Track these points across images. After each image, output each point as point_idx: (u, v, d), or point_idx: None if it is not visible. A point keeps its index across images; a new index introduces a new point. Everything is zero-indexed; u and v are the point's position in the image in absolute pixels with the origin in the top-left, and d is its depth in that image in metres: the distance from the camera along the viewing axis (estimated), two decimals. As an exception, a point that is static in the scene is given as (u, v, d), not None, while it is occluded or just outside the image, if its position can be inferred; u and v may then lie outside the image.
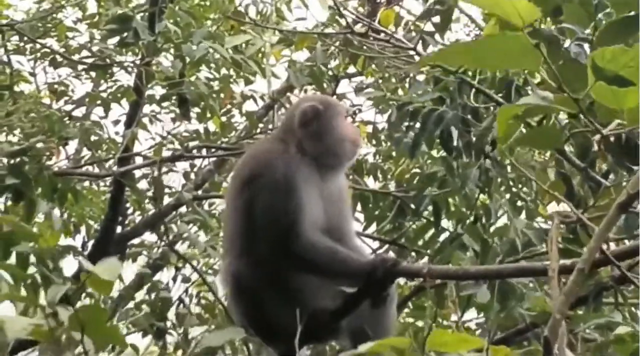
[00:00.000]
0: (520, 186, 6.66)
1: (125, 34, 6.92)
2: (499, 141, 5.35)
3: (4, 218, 5.56)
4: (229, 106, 8.94)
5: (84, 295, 7.09)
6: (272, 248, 4.14)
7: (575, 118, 4.61)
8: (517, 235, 5.54)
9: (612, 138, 4.91)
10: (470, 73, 5.51)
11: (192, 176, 8.98)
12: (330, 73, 7.78)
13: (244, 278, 4.20)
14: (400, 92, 7.20)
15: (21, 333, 3.50)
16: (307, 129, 4.33)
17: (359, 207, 7.24)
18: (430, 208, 6.06)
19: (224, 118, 8.92)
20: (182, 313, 7.98)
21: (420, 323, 6.86)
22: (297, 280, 4.21)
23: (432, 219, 6.15)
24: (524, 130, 5.05)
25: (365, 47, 6.36)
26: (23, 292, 4.99)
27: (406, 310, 7.15)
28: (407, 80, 6.80)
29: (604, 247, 3.06)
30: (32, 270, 5.33)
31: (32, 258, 5.25)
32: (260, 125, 8.91)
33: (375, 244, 7.34)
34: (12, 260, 5.20)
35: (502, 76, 5.56)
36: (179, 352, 8.50)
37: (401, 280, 6.61)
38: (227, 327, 7.73)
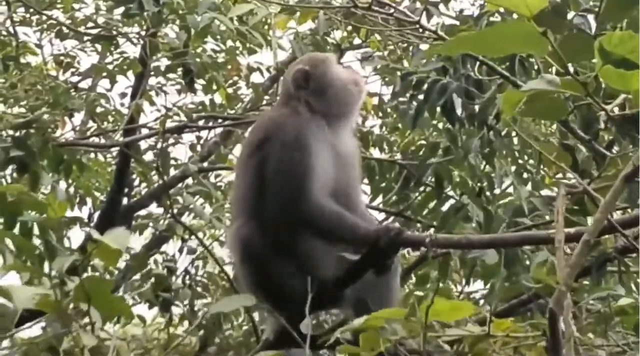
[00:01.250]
0: (525, 158, 6.65)
1: (130, 5, 6.90)
2: (503, 112, 5.34)
3: (11, 187, 5.56)
4: (235, 78, 8.93)
5: (89, 268, 7.09)
6: (281, 210, 4.14)
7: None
8: (522, 202, 5.54)
9: (616, 110, 4.89)
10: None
11: (198, 148, 8.98)
12: (334, 43, 7.78)
13: (252, 243, 4.21)
14: (405, 63, 7.18)
15: (28, 303, 3.51)
16: (307, 90, 4.36)
17: (365, 180, 7.27)
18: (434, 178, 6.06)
19: (230, 90, 8.91)
20: (177, 287, 7.98)
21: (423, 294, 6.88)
22: (305, 246, 4.23)
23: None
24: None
25: (368, 19, 6.33)
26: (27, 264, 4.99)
27: (411, 280, 7.16)
28: (410, 49, 6.78)
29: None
30: (36, 241, 5.34)
31: (36, 230, 5.25)
32: (266, 96, 8.90)
33: (381, 216, 7.35)
34: (16, 231, 5.21)
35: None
36: (185, 323, 8.55)
37: (406, 252, 6.63)
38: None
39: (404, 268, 5.18)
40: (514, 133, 6.21)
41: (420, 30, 5.78)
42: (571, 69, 3.20)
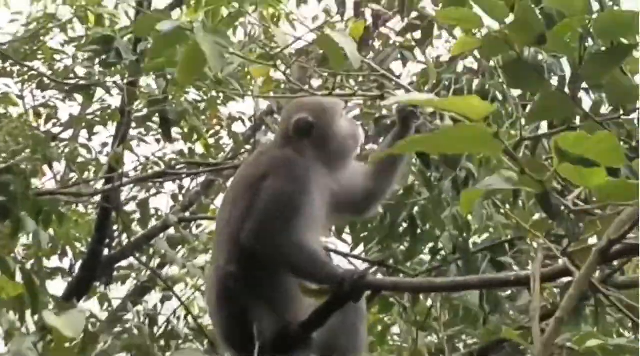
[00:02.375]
0: (506, 205, 6.60)
1: (108, 55, 6.89)
2: (464, 211, 5.26)
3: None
4: (217, 128, 8.92)
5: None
6: (260, 236, 4.11)
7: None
8: (500, 231, 5.55)
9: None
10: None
11: (180, 198, 8.93)
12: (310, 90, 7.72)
13: (229, 284, 4.17)
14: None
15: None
16: (309, 139, 4.34)
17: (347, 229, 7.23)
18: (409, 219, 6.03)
19: (211, 140, 8.90)
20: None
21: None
22: (278, 290, 4.21)
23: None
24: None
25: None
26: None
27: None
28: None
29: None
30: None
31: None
32: (247, 146, 8.87)
33: (364, 265, 7.29)
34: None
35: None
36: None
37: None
38: (213, 350, 7.73)
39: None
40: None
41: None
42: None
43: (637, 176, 3.68)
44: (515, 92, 5.36)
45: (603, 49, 3.73)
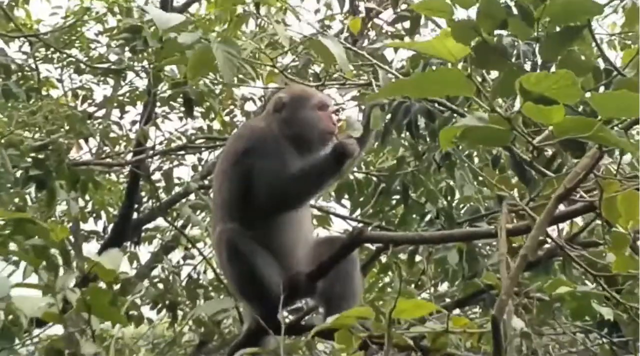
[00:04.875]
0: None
1: (136, 42, 6.96)
2: (443, 148, 5.33)
3: (20, 214, 5.60)
4: (231, 107, 8.97)
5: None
6: (272, 204, 4.18)
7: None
8: (480, 203, 5.60)
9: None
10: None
11: (199, 168, 8.99)
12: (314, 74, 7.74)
13: (238, 242, 4.20)
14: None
15: (36, 313, 3.53)
16: (280, 115, 4.39)
17: (345, 195, 7.29)
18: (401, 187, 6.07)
19: (227, 118, 8.95)
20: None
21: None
22: (283, 244, 4.29)
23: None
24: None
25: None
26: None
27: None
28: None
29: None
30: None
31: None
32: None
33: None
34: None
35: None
36: (189, 322, 8.54)
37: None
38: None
39: (367, 258, 5.20)
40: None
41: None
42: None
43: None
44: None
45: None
